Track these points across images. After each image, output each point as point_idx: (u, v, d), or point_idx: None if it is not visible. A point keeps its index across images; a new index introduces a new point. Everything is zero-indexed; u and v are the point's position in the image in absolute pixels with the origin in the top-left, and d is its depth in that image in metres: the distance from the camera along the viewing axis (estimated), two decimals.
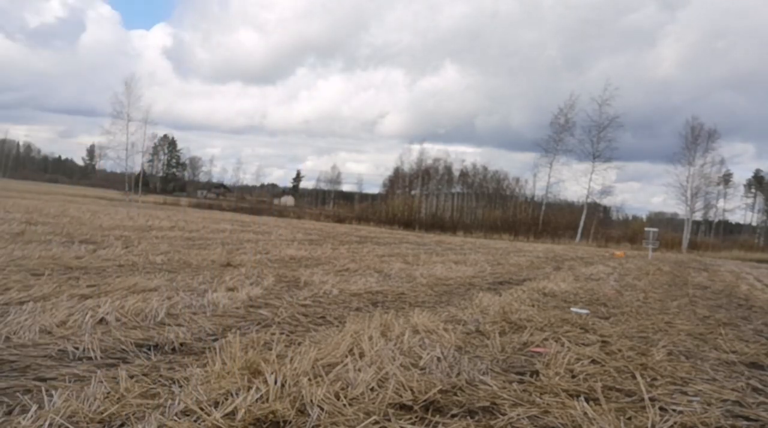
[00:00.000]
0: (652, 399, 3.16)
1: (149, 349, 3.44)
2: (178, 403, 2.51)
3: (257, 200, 76.01)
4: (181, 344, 3.59)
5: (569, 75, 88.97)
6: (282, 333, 4.03)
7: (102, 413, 2.35)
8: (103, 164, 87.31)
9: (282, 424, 2.44)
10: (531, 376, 3.48)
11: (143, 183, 55.66)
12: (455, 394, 3.02)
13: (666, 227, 47.58)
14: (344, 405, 2.68)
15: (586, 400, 3.02)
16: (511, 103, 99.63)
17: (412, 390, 2.94)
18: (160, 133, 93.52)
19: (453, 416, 2.73)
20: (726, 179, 53.36)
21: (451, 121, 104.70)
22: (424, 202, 50.78)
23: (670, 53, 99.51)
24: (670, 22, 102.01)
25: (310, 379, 2.89)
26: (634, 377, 3.59)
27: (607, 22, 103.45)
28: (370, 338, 3.83)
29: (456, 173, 54.43)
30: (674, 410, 3.04)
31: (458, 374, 3.37)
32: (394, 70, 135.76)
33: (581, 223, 41.47)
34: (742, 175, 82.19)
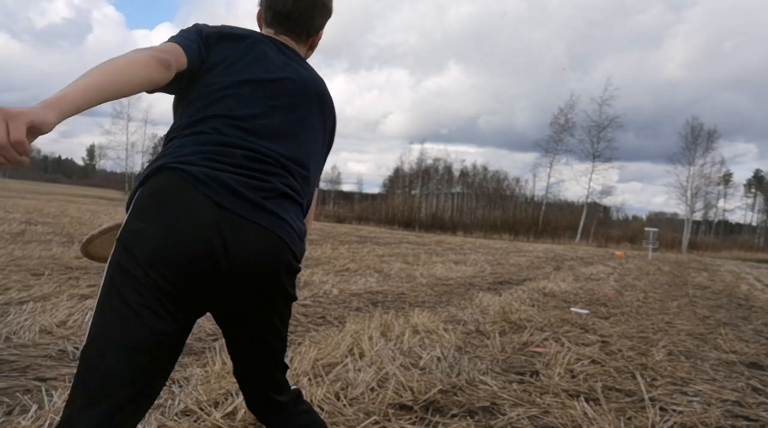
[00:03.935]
0: (652, 399, 3.16)
1: None
2: (178, 403, 2.50)
3: None
4: None
5: (575, 75, 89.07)
6: None
7: None
8: (103, 164, 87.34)
9: None
10: (531, 376, 3.48)
11: None
12: (455, 394, 3.02)
13: (666, 227, 47.54)
14: (344, 405, 2.68)
15: (586, 400, 3.02)
16: (515, 104, 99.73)
17: (412, 390, 2.94)
18: (160, 133, 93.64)
19: (453, 416, 2.73)
20: (726, 179, 53.35)
21: (454, 121, 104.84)
22: (424, 202, 50.74)
23: (675, 54, 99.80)
24: (676, 23, 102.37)
25: (310, 379, 2.89)
26: (634, 377, 3.59)
27: (613, 23, 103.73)
28: (370, 338, 3.83)
29: (456, 173, 54.47)
30: (674, 410, 3.04)
31: (458, 374, 3.37)
32: (398, 70, 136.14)
33: (581, 223, 41.46)
34: (744, 175, 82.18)
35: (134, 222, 1.26)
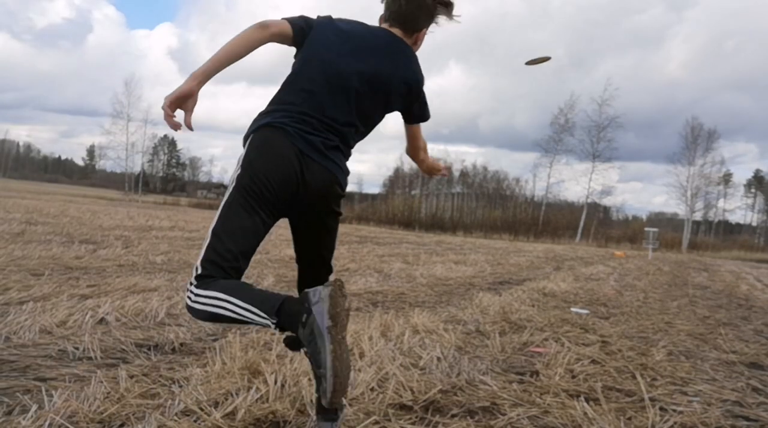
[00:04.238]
0: (652, 399, 3.16)
1: (149, 349, 3.43)
2: (178, 403, 2.50)
3: None
4: (181, 344, 3.59)
5: (576, 75, 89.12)
6: (282, 333, 4.03)
7: (102, 413, 2.35)
8: (103, 164, 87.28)
9: (282, 424, 2.44)
10: (531, 376, 3.48)
11: (143, 183, 55.57)
12: (455, 394, 3.02)
13: (666, 227, 47.50)
14: (344, 405, 2.68)
15: (586, 400, 3.02)
16: (516, 104, 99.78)
17: (412, 390, 2.94)
18: (160, 133, 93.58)
19: (453, 416, 2.73)
20: (726, 179, 53.34)
21: (455, 121, 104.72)
22: (424, 202, 50.69)
23: (676, 54, 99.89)
24: (677, 23, 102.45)
25: (310, 379, 2.88)
26: (634, 377, 3.59)
27: (614, 23, 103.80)
28: (370, 338, 3.83)
29: (456, 173, 54.41)
30: (674, 410, 3.04)
31: (458, 374, 3.37)
32: None
33: (581, 223, 41.42)
34: (744, 175, 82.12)
35: (251, 154, 1.99)
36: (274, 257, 9.57)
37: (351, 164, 2.29)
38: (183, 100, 1.93)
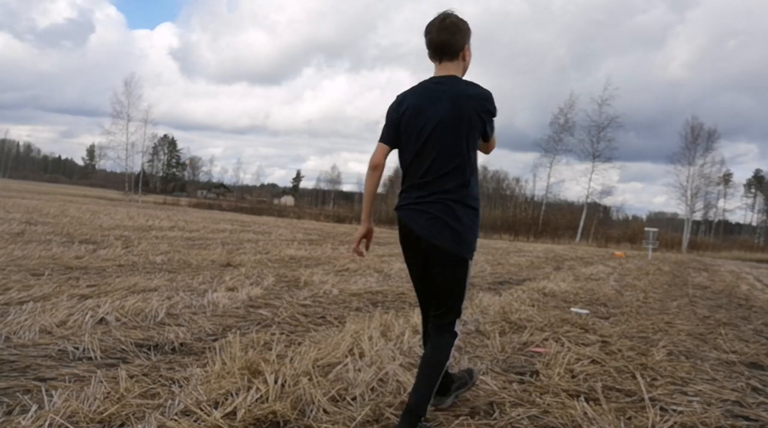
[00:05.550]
0: (652, 399, 3.16)
1: (149, 349, 3.44)
2: (178, 403, 2.51)
3: (257, 200, 75.85)
4: (181, 344, 3.59)
5: (577, 75, 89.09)
6: (282, 333, 4.03)
7: (102, 413, 2.35)
8: (103, 164, 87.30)
9: (282, 424, 2.44)
10: (531, 376, 3.48)
11: (143, 183, 55.54)
12: None
13: (666, 227, 47.53)
14: (344, 405, 2.68)
15: (586, 400, 3.02)
16: (517, 104, 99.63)
17: None
18: (161, 133, 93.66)
19: (453, 416, 2.73)
20: (726, 179, 53.33)
21: None
22: None
23: (677, 54, 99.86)
24: (678, 23, 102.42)
25: (310, 379, 2.89)
26: (634, 377, 3.59)
27: (616, 23, 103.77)
28: (370, 338, 3.83)
29: None
30: (674, 410, 3.04)
31: None
32: (400, 70, 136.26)
33: (581, 223, 41.38)
34: (745, 175, 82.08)
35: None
36: (274, 257, 9.58)
37: (351, 164, 2.45)
38: (361, 238, 2.56)
